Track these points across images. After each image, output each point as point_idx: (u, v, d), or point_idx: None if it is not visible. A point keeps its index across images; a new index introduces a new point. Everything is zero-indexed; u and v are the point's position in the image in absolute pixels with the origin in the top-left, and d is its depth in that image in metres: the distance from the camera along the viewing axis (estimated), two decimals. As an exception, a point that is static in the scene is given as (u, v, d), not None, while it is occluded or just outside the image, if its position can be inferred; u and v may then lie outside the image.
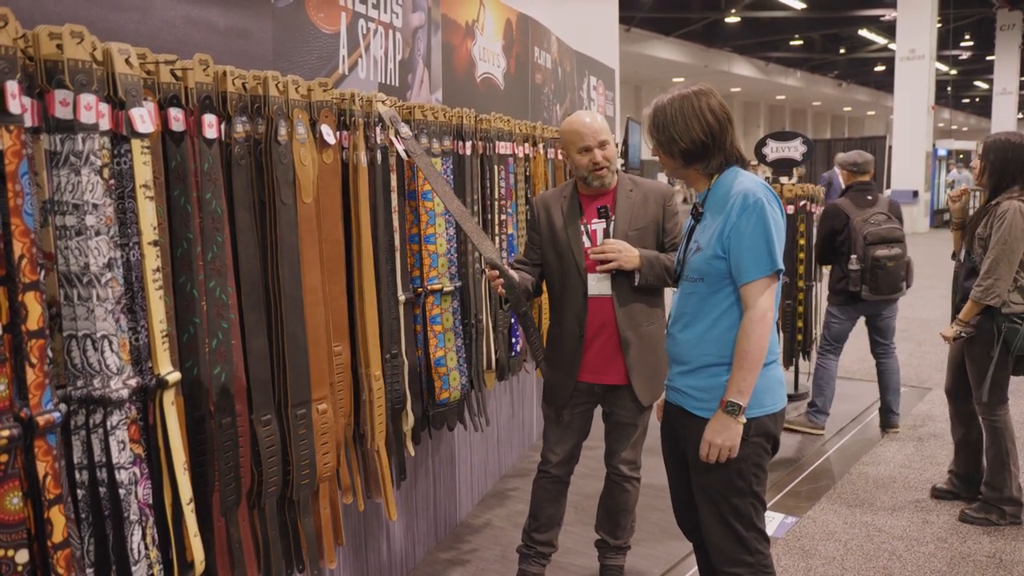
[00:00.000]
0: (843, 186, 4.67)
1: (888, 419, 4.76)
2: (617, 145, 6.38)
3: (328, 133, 2.08)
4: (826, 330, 4.69)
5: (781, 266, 2.00)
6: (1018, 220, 3.16)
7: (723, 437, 2.00)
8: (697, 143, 2.04)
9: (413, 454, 2.67)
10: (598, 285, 2.64)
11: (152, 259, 1.53)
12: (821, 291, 5.49)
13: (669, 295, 2.70)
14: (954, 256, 3.66)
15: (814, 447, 4.53)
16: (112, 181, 1.47)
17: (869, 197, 4.45)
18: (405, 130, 2.38)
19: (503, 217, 3.40)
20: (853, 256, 4.31)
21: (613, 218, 2.64)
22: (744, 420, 2.00)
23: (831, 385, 4.71)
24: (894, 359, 4.68)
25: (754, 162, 9.77)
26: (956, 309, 3.52)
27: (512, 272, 2.49)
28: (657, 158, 2.18)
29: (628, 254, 2.56)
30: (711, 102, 2.04)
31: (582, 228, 2.67)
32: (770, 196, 2.02)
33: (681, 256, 2.20)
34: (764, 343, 1.98)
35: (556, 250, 2.70)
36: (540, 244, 2.75)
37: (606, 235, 2.63)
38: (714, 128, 2.03)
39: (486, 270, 2.60)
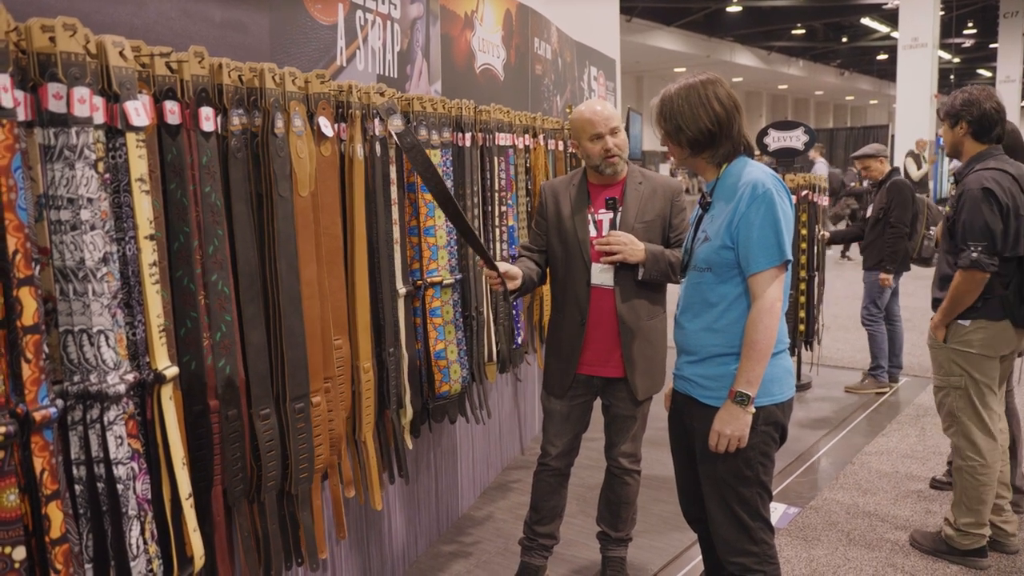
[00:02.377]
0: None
1: (893, 374, 5.47)
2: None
3: (325, 125, 2.06)
4: (877, 299, 5.21)
5: (790, 256, 1.99)
6: None
7: (732, 427, 2.00)
8: (704, 132, 2.04)
9: (411, 447, 2.67)
10: (601, 275, 2.63)
11: (148, 253, 1.52)
12: (823, 281, 5.50)
13: (671, 289, 2.70)
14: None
15: (817, 436, 4.53)
16: (107, 175, 1.46)
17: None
18: (396, 123, 2.35)
19: (503, 208, 3.38)
20: (932, 228, 4.87)
21: (621, 209, 2.63)
22: (753, 410, 2.00)
23: (885, 345, 5.34)
24: (902, 321, 5.48)
25: (757, 152, 9.75)
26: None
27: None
28: (664, 148, 2.17)
29: (634, 247, 2.54)
30: (718, 91, 2.04)
31: (589, 217, 2.66)
32: (779, 186, 2.02)
33: (689, 246, 2.20)
34: (772, 333, 1.98)
35: (561, 237, 2.70)
36: (546, 231, 2.75)
37: (612, 226, 2.62)
38: (721, 117, 2.03)
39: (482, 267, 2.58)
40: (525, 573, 2.87)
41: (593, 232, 2.65)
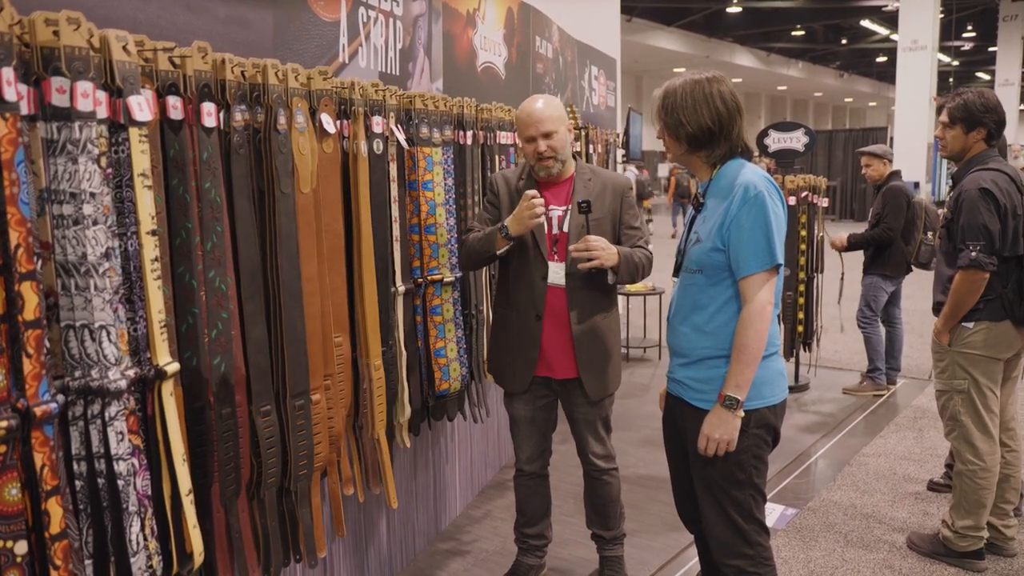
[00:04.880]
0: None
1: (891, 376, 5.45)
2: (618, 136, 6.37)
3: (328, 122, 2.06)
4: (873, 303, 5.20)
5: (780, 260, 1.98)
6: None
7: (720, 431, 1.99)
8: (704, 129, 2.02)
9: (409, 446, 2.67)
10: (556, 275, 2.58)
11: (150, 249, 1.52)
12: (823, 283, 5.50)
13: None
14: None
15: (815, 438, 4.53)
16: (110, 170, 1.45)
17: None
18: None
19: (504, 207, 3.38)
20: (929, 233, 4.83)
21: (563, 221, 2.58)
22: (742, 414, 1.99)
23: (881, 347, 5.35)
24: (902, 324, 5.47)
25: (756, 153, 9.75)
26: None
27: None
28: (662, 144, 2.16)
29: (609, 252, 2.45)
30: (722, 89, 2.03)
31: (546, 213, 2.58)
32: (771, 189, 2.00)
33: (682, 246, 2.19)
34: (762, 337, 1.97)
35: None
36: (499, 218, 2.67)
37: (585, 229, 2.53)
38: (722, 115, 2.02)
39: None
40: (516, 570, 2.87)
41: (555, 229, 2.60)
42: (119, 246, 1.47)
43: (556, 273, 2.59)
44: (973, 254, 2.79)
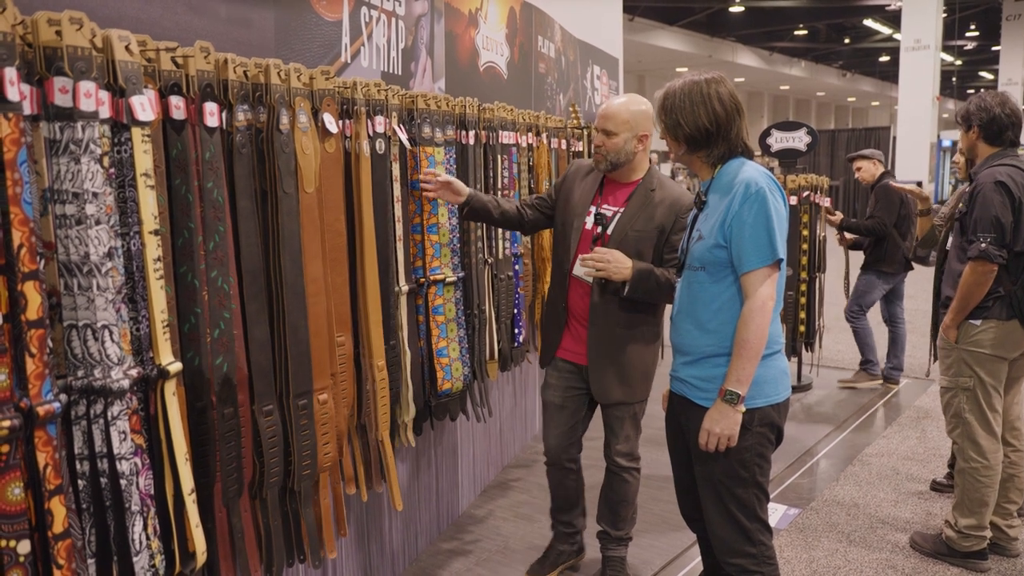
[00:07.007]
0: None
1: (892, 375, 5.52)
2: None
3: (330, 122, 2.06)
4: (861, 299, 5.30)
5: (782, 255, 1.99)
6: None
7: (721, 426, 2.00)
8: (701, 130, 2.03)
9: (414, 445, 2.67)
10: (582, 269, 2.61)
11: (153, 248, 1.52)
12: (824, 282, 5.49)
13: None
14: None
15: (817, 437, 4.52)
16: (112, 170, 1.45)
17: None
18: None
19: (506, 207, 3.38)
20: None
21: (608, 224, 2.60)
22: (743, 409, 2.00)
23: (871, 339, 5.46)
24: (905, 324, 5.51)
25: (758, 152, 9.76)
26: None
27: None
28: (664, 144, 2.18)
29: (619, 265, 2.46)
30: (720, 90, 2.04)
31: (592, 209, 2.66)
32: (772, 186, 2.01)
33: (684, 245, 2.19)
34: (763, 332, 1.98)
35: (563, 219, 2.73)
36: (553, 204, 2.80)
37: (604, 232, 2.58)
38: (720, 117, 2.02)
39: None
40: (547, 554, 2.94)
41: (588, 223, 2.65)
42: (122, 246, 1.47)
43: (581, 268, 2.62)
44: (983, 245, 2.79)
